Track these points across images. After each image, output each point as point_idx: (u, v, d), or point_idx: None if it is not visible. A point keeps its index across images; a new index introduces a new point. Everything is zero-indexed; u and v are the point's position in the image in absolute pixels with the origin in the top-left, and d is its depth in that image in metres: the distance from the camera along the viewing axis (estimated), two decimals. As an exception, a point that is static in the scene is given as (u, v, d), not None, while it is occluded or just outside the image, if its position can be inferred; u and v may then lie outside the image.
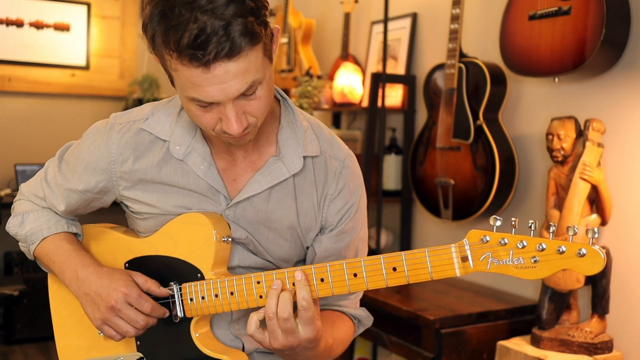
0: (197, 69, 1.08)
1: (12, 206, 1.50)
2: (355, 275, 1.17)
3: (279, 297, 1.18)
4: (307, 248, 1.40)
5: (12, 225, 1.45)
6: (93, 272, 1.33)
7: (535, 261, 1.04)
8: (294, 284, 1.20)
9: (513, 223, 1.07)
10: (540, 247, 1.03)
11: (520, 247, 1.05)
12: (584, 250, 1.01)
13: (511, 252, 1.06)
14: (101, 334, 1.37)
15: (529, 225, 1.05)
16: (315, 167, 1.35)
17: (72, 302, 1.43)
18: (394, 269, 1.14)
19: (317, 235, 1.39)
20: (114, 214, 1.76)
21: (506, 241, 1.06)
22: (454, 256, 1.10)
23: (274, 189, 1.33)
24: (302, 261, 1.43)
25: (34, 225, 1.43)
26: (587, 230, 1.01)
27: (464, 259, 1.09)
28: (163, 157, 1.33)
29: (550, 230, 1.05)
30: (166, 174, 1.33)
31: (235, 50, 1.07)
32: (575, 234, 1.02)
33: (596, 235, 1.01)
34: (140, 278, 1.33)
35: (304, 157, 1.32)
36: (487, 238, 1.07)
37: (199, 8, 1.04)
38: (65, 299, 1.45)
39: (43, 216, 1.43)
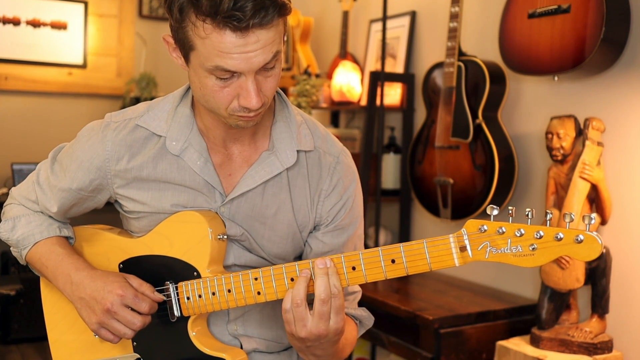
0: (232, 34, 1.09)
1: (3, 210, 1.47)
2: (353, 268, 1.17)
3: (317, 280, 1.15)
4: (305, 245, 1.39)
5: (4, 231, 1.43)
6: (87, 276, 1.32)
7: (533, 249, 1.05)
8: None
9: (510, 212, 1.07)
10: (538, 234, 1.04)
11: (518, 235, 1.05)
12: (581, 237, 1.01)
13: (509, 240, 1.06)
14: (97, 337, 1.35)
15: (526, 213, 1.06)
16: (309, 162, 1.34)
17: (65, 305, 1.41)
18: (393, 261, 1.14)
19: (312, 232, 1.38)
20: (108, 215, 1.74)
21: (504, 230, 1.06)
22: (452, 246, 1.10)
23: (268, 183, 1.32)
24: (298, 259, 1.41)
25: (25, 230, 1.40)
26: (583, 217, 1.02)
27: (463, 248, 1.10)
28: (158, 153, 1.32)
29: (548, 218, 1.05)
30: (162, 170, 1.32)
31: (270, 18, 1.09)
32: (572, 220, 1.03)
33: (592, 222, 1.02)
34: (135, 281, 1.31)
35: (298, 152, 1.32)
36: (485, 227, 1.08)
37: None
38: (58, 302, 1.44)
39: (35, 220, 1.41)
